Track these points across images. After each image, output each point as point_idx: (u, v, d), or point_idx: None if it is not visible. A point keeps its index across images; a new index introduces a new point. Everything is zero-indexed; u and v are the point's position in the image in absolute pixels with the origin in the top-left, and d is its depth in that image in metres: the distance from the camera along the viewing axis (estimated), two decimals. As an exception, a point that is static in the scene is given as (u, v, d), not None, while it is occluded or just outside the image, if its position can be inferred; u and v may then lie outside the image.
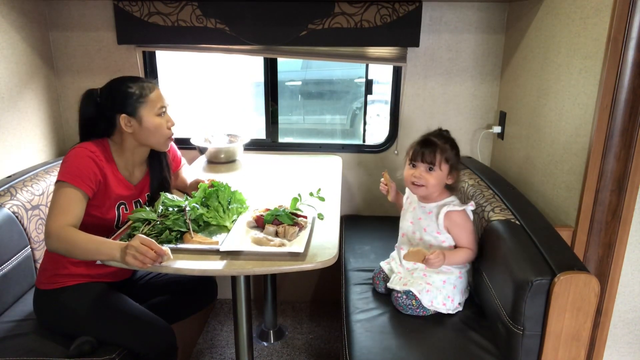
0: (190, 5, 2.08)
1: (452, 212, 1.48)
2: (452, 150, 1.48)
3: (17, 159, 1.97)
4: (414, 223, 1.57)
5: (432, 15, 2.12)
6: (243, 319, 1.48)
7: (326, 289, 2.54)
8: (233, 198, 1.54)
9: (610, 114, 1.41)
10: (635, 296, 1.66)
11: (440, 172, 1.47)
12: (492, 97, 2.23)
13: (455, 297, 1.53)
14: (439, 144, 1.46)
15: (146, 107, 1.45)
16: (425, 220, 1.53)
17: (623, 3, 1.32)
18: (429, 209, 1.53)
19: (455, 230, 1.49)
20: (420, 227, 1.55)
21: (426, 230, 1.53)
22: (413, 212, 1.58)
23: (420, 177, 1.47)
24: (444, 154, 1.46)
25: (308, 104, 3.48)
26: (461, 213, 1.48)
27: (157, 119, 1.47)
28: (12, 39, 1.93)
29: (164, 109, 1.50)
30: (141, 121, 1.45)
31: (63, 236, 1.28)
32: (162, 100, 1.50)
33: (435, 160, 1.45)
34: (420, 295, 1.49)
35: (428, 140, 1.48)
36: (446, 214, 1.48)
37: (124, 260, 1.20)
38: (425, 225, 1.53)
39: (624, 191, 1.48)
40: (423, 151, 1.46)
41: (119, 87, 1.45)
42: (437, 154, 1.45)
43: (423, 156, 1.46)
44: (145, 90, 1.46)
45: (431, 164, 1.46)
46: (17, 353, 1.39)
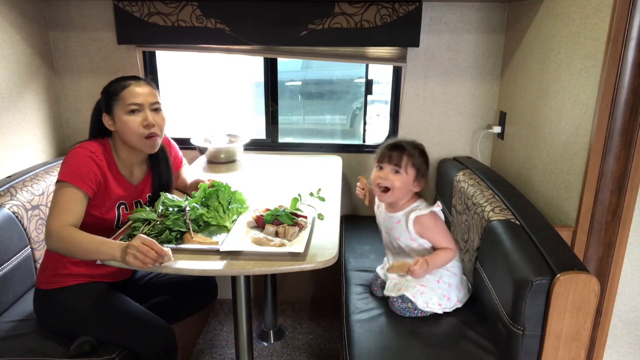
0: (190, 5, 2.08)
1: (420, 216, 1.47)
2: (420, 156, 1.48)
3: (17, 159, 1.97)
4: (388, 233, 1.57)
5: (432, 15, 2.12)
6: (243, 319, 1.48)
7: (326, 289, 2.54)
8: (233, 198, 1.54)
9: (610, 114, 1.41)
10: (635, 296, 1.66)
11: (406, 176, 1.46)
12: (492, 97, 2.23)
13: (451, 295, 1.52)
14: (407, 148, 1.47)
15: (118, 105, 1.43)
16: (396, 230, 1.53)
17: (623, 3, 1.32)
18: (397, 218, 1.52)
19: (429, 234, 1.48)
20: (393, 237, 1.55)
21: (400, 240, 1.53)
22: (383, 222, 1.59)
23: (385, 178, 1.46)
24: (410, 159, 1.46)
25: (308, 104, 3.48)
26: (429, 215, 1.47)
27: (125, 117, 1.42)
28: (12, 39, 1.93)
29: (135, 106, 1.42)
30: (115, 119, 1.44)
31: (63, 236, 1.28)
32: (136, 97, 1.43)
33: (402, 162, 1.45)
34: (415, 298, 1.49)
35: (396, 144, 1.48)
36: (415, 220, 1.47)
37: (125, 260, 1.20)
38: (397, 235, 1.53)
39: (624, 191, 1.48)
40: (390, 153, 1.46)
41: (105, 87, 1.48)
42: (404, 156, 1.45)
43: (390, 158, 1.46)
44: (119, 88, 1.44)
45: (397, 166, 1.45)
46: (17, 353, 1.39)
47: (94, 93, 2.28)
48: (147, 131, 1.45)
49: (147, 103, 1.45)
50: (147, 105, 1.45)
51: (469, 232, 1.72)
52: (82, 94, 2.28)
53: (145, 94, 1.45)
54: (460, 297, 1.55)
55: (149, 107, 1.46)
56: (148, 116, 1.45)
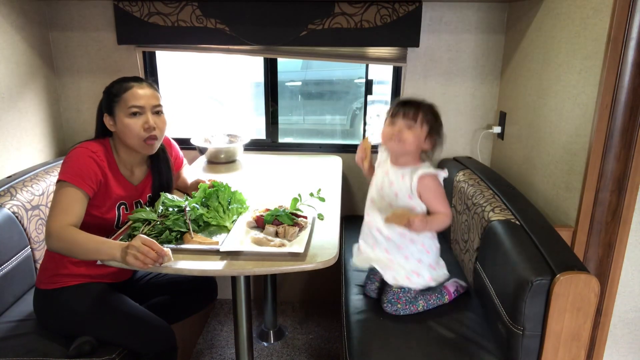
0: (190, 6, 2.08)
1: (426, 175, 1.44)
2: (432, 115, 1.46)
3: (17, 159, 1.97)
4: (384, 188, 1.52)
5: (432, 15, 2.12)
6: (243, 319, 1.48)
7: (326, 289, 2.54)
8: (233, 198, 1.54)
9: (610, 114, 1.41)
10: (635, 296, 1.66)
11: (420, 132, 1.44)
12: (492, 97, 2.23)
13: (422, 272, 1.50)
14: (421, 104, 1.45)
15: (120, 106, 1.43)
16: (397, 184, 1.49)
17: (623, 3, 1.32)
18: (402, 172, 1.49)
19: (428, 195, 1.45)
20: (391, 192, 1.50)
21: (397, 195, 1.48)
22: (385, 176, 1.53)
23: (400, 133, 1.44)
24: (425, 115, 1.44)
25: (308, 104, 3.48)
26: (434, 177, 1.45)
27: (126, 119, 1.42)
28: (12, 39, 1.93)
29: (136, 109, 1.42)
30: (116, 121, 1.44)
31: (64, 236, 1.28)
32: (137, 100, 1.43)
33: (417, 117, 1.43)
34: (383, 271, 1.48)
35: (410, 100, 1.47)
36: (420, 177, 1.44)
37: (125, 260, 1.20)
38: (397, 190, 1.48)
39: (624, 191, 1.48)
40: (404, 109, 1.44)
41: (107, 88, 1.48)
42: (419, 112, 1.43)
43: (404, 114, 1.44)
44: (122, 89, 1.44)
45: (413, 120, 1.43)
46: (17, 353, 1.39)
47: (94, 93, 2.28)
48: (147, 134, 1.44)
49: (148, 106, 1.45)
50: (149, 108, 1.45)
51: (469, 232, 1.72)
52: (82, 94, 2.28)
53: (147, 96, 1.45)
54: (434, 276, 1.52)
55: (151, 110, 1.45)
56: (149, 119, 1.44)
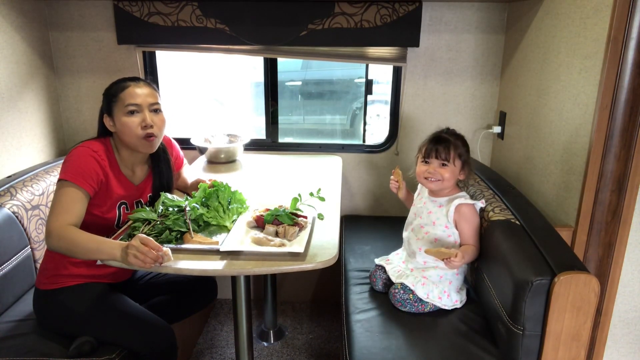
0: (190, 5, 2.08)
1: (463, 205, 1.51)
2: (463, 146, 1.53)
3: (17, 159, 1.97)
4: (423, 217, 1.59)
5: (432, 15, 2.12)
6: (243, 319, 1.48)
7: (326, 289, 2.54)
8: (233, 198, 1.54)
9: (610, 114, 1.41)
10: (635, 296, 1.66)
11: (454, 167, 1.51)
12: (492, 97, 2.23)
13: (451, 293, 1.54)
14: (451, 140, 1.51)
15: (117, 106, 1.44)
16: (435, 213, 1.55)
17: (623, 3, 1.32)
18: (440, 202, 1.56)
19: (463, 225, 1.51)
20: (429, 221, 1.56)
21: (435, 224, 1.54)
22: (424, 206, 1.60)
23: (434, 172, 1.51)
24: (457, 150, 1.50)
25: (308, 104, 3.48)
26: (471, 207, 1.52)
27: (123, 118, 1.43)
28: (12, 39, 1.93)
29: (133, 107, 1.42)
30: (114, 120, 1.45)
31: (64, 235, 1.28)
32: (134, 98, 1.43)
33: (450, 156, 1.49)
34: (415, 287, 1.51)
35: (441, 137, 1.52)
36: (457, 206, 1.50)
37: (125, 260, 1.20)
38: (434, 219, 1.55)
39: (624, 191, 1.48)
40: (437, 148, 1.50)
41: (106, 88, 1.48)
42: (450, 150, 1.49)
43: (437, 153, 1.50)
44: (119, 89, 1.44)
45: (445, 160, 1.50)
46: (17, 353, 1.39)
47: (94, 93, 2.29)
48: (145, 132, 1.44)
49: (145, 104, 1.45)
50: (146, 106, 1.45)
51: (469, 232, 1.72)
52: (82, 94, 2.28)
53: (144, 94, 1.45)
54: (460, 298, 1.56)
55: (148, 108, 1.45)
56: (146, 117, 1.44)
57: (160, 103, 1.49)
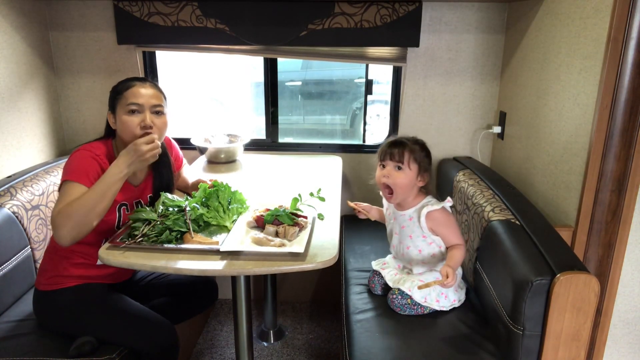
0: (190, 5, 2.08)
1: (432, 211, 1.47)
2: (421, 151, 1.47)
3: (17, 159, 1.97)
4: (399, 233, 1.57)
5: (432, 15, 2.12)
6: (243, 319, 1.48)
7: (326, 289, 2.54)
8: (233, 198, 1.54)
9: (610, 114, 1.41)
10: (635, 296, 1.66)
11: (410, 172, 1.46)
12: (492, 97, 2.23)
13: (448, 294, 1.53)
14: (407, 143, 1.46)
15: (119, 102, 1.45)
16: (408, 227, 1.53)
17: (623, 3, 1.32)
18: (408, 215, 1.52)
19: (441, 230, 1.48)
20: (405, 235, 1.54)
21: (412, 237, 1.52)
22: (394, 222, 1.58)
23: (389, 175, 1.46)
24: (412, 154, 1.45)
25: (308, 104, 3.48)
26: (441, 211, 1.48)
27: (124, 116, 1.43)
28: (12, 39, 1.93)
29: (134, 106, 1.42)
30: (116, 118, 1.46)
31: (66, 212, 1.26)
32: (137, 98, 1.43)
33: (404, 158, 1.45)
34: (412, 292, 1.50)
35: (397, 141, 1.48)
36: (427, 215, 1.47)
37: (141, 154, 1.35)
38: (409, 232, 1.53)
39: (624, 191, 1.48)
40: (392, 151, 1.46)
41: (114, 86, 1.50)
42: (405, 152, 1.45)
43: (392, 155, 1.46)
44: (124, 87, 1.45)
45: (399, 163, 1.45)
46: (17, 353, 1.39)
47: (94, 93, 2.29)
48: (142, 132, 1.43)
49: (148, 104, 1.44)
50: (148, 107, 1.44)
51: (469, 232, 1.72)
52: (82, 94, 2.28)
53: (148, 95, 1.45)
54: (458, 297, 1.56)
55: (150, 109, 1.45)
56: (146, 117, 1.44)
57: (163, 106, 1.49)
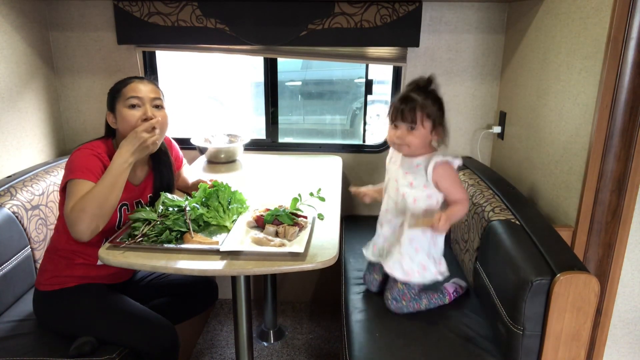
0: (190, 5, 2.08)
1: (442, 163, 1.40)
2: (433, 105, 1.38)
3: (17, 159, 1.97)
4: (399, 180, 1.49)
5: (432, 15, 2.12)
6: (243, 319, 1.48)
7: (326, 289, 2.54)
8: (233, 198, 1.54)
9: (610, 114, 1.41)
10: (635, 296, 1.66)
11: (423, 130, 1.39)
12: (492, 97, 2.23)
13: (429, 265, 1.48)
14: (418, 100, 1.38)
15: (119, 100, 1.45)
16: (412, 174, 1.45)
17: (623, 3, 1.32)
18: (416, 162, 1.45)
19: (444, 183, 1.42)
20: (406, 182, 1.46)
21: (412, 185, 1.45)
22: (398, 168, 1.50)
23: (402, 137, 1.40)
24: (424, 110, 1.37)
25: (308, 104, 3.48)
26: (450, 165, 1.42)
27: (125, 111, 1.43)
28: (12, 39, 1.93)
29: (135, 100, 1.43)
30: (116, 115, 1.45)
31: (79, 206, 1.28)
32: (136, 92, 1.44)
33: (416, 118, 1.37)
34: (393, 270, 1.48)
35: (407, 97, 1.39)
36: (435, 165, 1.40)
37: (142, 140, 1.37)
38: (412, 179, 1.45)
39: (624, 191, 1.48)
40: (403, 110, 1.38)
41: (111, 87, 1.50)
42: (417, 111, 1.37)
43: (403, 116, 1.38)
44: (122, 85, 1.46)
45: (412, 123, 1.38)
46: (17, 353, 1.39)
47: (94, 93, 2.28)
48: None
49: (147, 98, 1.45)
50: (148, 100, 1.45)
51: (469, 232, 1.72)
52: (82, 94, 2.28)
53: (147, 89, 1.46)
54: (441, 270, 1.51)
55: (150, 103, 1.46)
56: (147, 110, 1.44)
57: (162, 100, 1.50)
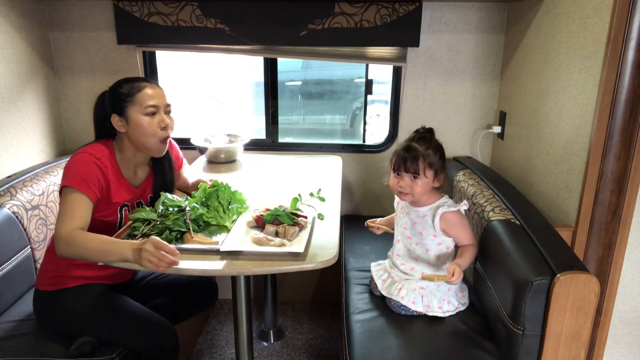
0: (190, 5, 2.08)
1: (447, 213, 1.46)
2: (435, 154, 1.44)
3: (17, 159, 1.97)
4: (408, 228, 1.55)
5: (432, 15, 2.12)
6: (243, 319, 1.48)
7: (326, 289, 2.54)
8: (233, 198, 1.54)
9: (610, 114, 1.41)
10: (635, 296, 1.66)
11: (426, 179, 1.44)
12: (492, 97, 2.23)
13: (451, 299, 1.52)
14: (420, 151, 1.42)
15: (133, 106, 1.43)
16: (420, 224, 1.52)
17: (623, 3, 1.32)
18: (422, 212, 1.51)
19: (454, 231, 1.48)
20: (416, 232, 1.53)
21: (422, 235, 1.51)
22: (407, 217, 1.56)
23: (405, 187, 1.45)
24: (427, 160, 1.42)
25: (308, 104, 3.48)
26: (456, 213, 1.47)
27: (144, 119, 1.43)
28: (12, 39, 1.93)
29: (153, 108, 1.44)
30: (129, 121, 1.44)
31: (72, 240, 1.28)
32: (153, 99, 1.44)
33: (419, 168, 1.42)
34: (416, 304, 1.49)
35: (410, 148, 1.44)
36: (442, 216, 1.46)
37: (141, 263, 1.20)
38: (420, 230, 1.52)
39: (624, 191, 1.48)
40: (406, 161, 1.42)
41: (113, 88, 1.47)
42: (419, 162, 1.41)
43: (406, 167, 1.43)
44: (134, 89, 1.44)
45: (415, 173, 1.43)
46: (17, 353, 1.39)
47: (94, 93, 2.25)
48: (165, 133, 1.46)
49: (162, 105, 1.47)
50: (162, 107, 1.47)
51: (469, 232, 1.72)
52: (82, 94, 2.28)
53: (160, 96, 1.47)
54: (462, 301, 1.55)
55: (164, 109, 1.48)
56: (164, 118, 1.46)
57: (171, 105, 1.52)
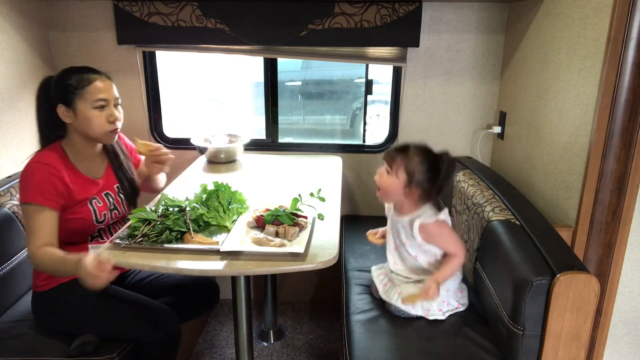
0: (190, 5, 2.08)
1: (425, 225, 1.41)
2: (420, 164, 1.37)
3: (17, 159, 1.97)
4: (394, 237, 1.54)
5: (432, 15, 2.12)
6: (243, 319, 1.48)
7: (326, 289, 2.54)
8: (233, 198, 1.54)
9: (610, 114, 1.41)
10: (635, 296, 1.66)
11: (396, 180, 1.39)
12: (492, 97, 2.23)
13: (450, 301, 1.52)
14: (408, 152, 1.39)
15: (82, 99, 1.42)
16: (403, 234, 1.49)
17: (623, 3, 1.32)
18: (403, 222, 1.47)
19: (435, 241, 1.44)
20: (400, 241, 1.51)
21: (406, 244, 1.49)
22: (393, 224, 1.54)
23: (379, 175, 1.45)
24: (405, 162, 1.38)
25: (308, 104, 3.48)
26: (434, 224, 1.41)
27: (93, 112, 1.42)
28: (12, 39, 1.93)
29: (102, 102, 1.43)
30: (77, 113, 1.43)
31: (39, 260, 1.32)
32: (103, 93, 1.43)
33: (393, 165, 1.40)
34: (415, 309, 1.48)
35: (404, 145, 1.43)
36: (420, 227, 1.42)
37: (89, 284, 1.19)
38: (404, 240, 1.50)
39: (624, 191, 1.48)
40: (389, 152, 1.43)
41: (60, 78, 1.45)
42: (397, 158, 1.39)
43: (386, 156, 1.43)
44: (84, 82, 1.42)
45: (389, 167, 1.41)
46: (17, 353, 1.39)
47: (94, 93, 2.28)
48: (113, 126, 1.47)
49: (112, 98, 1.47)
50: (112, 101, 1.47)
51: (469, 232, 1.72)
52: (82, 94, 2.28)
53: (109, 89, 1.47)
54: (461, 301, 1.54)
55: (114, 103, 1.48)
56: (114, 112, 1.47)
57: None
